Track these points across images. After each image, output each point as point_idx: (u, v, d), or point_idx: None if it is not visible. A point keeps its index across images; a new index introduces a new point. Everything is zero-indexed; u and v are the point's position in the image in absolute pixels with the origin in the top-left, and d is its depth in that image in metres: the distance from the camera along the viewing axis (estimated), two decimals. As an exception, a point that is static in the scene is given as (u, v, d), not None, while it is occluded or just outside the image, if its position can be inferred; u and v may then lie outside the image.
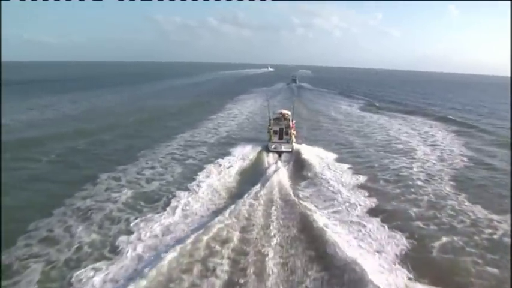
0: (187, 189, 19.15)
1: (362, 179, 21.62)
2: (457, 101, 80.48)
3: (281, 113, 29.87)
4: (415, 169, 24.20)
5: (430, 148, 31.00)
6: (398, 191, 20.23)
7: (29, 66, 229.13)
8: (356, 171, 23.15)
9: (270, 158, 25.72)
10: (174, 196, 18.14)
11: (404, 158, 27.27)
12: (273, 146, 27.01)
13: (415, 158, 27.26)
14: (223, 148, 28.47)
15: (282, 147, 26.87)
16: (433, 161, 26.42)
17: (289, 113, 30.17)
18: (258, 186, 19.15)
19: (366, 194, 19.11)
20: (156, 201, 17.74)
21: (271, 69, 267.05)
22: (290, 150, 26.74)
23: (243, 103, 59.71)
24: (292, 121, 29.59)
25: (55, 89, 75.79)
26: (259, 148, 27.38)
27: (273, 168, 22.98)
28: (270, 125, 28.87)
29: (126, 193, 18.42)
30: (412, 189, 20.33)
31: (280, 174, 21.32)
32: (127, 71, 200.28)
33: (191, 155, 26.63)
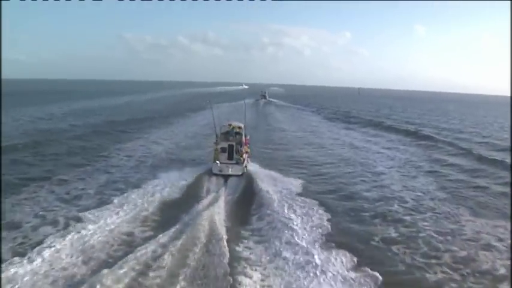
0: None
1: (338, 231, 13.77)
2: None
3: (231, 126, 23.74)
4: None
5: None
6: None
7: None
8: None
9: (211, 184, 19.34)
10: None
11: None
12: (218, 168, 20.74)
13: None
14: (150, 172, 21.70)
15: (230, 169, 20.60)
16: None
17: (241, 125, 24.13)
18: (176, 228, 12.95)
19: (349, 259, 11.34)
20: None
21: (246, 87, 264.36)
22: (240, 173, 20.51)
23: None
24: (245, 136, 23.60)
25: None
26: (200, 171, 20.94)
27: (209, 198, 16.66)
28: (216, 141, 22.66)
29: None
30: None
31: (216, 209, 15.00)
32: (72, 88, 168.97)
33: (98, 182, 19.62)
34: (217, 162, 21.05)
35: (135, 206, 15.25)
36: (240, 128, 23.60)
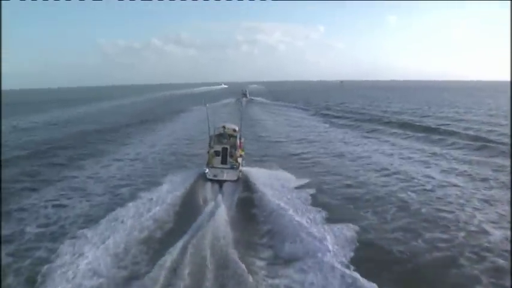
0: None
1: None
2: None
3: (225, 128, 22.76)
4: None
5: None
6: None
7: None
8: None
9: (207, 191, 18.18)
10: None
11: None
12: (212, 174, 19.67)
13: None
14: (144, 184, 20.46)
15: (225, 174, 19.60)
16: None
17: (236, 128, 23.26)
18: (180, 244, 11.82)
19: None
20: None
21: (225, 86, 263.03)
22: (235, 178, 19.47)
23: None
24: (239, 139, 22.63)
25: None
26: (193, 178, 19.69)
27: (210, 207, 15.55)
28: (210, 144, 21.64)
29: None
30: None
31: (218, 219, 13.94)
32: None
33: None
34: (212, 166, 20.14)
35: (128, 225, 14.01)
36: (234, 130, 22.74)
